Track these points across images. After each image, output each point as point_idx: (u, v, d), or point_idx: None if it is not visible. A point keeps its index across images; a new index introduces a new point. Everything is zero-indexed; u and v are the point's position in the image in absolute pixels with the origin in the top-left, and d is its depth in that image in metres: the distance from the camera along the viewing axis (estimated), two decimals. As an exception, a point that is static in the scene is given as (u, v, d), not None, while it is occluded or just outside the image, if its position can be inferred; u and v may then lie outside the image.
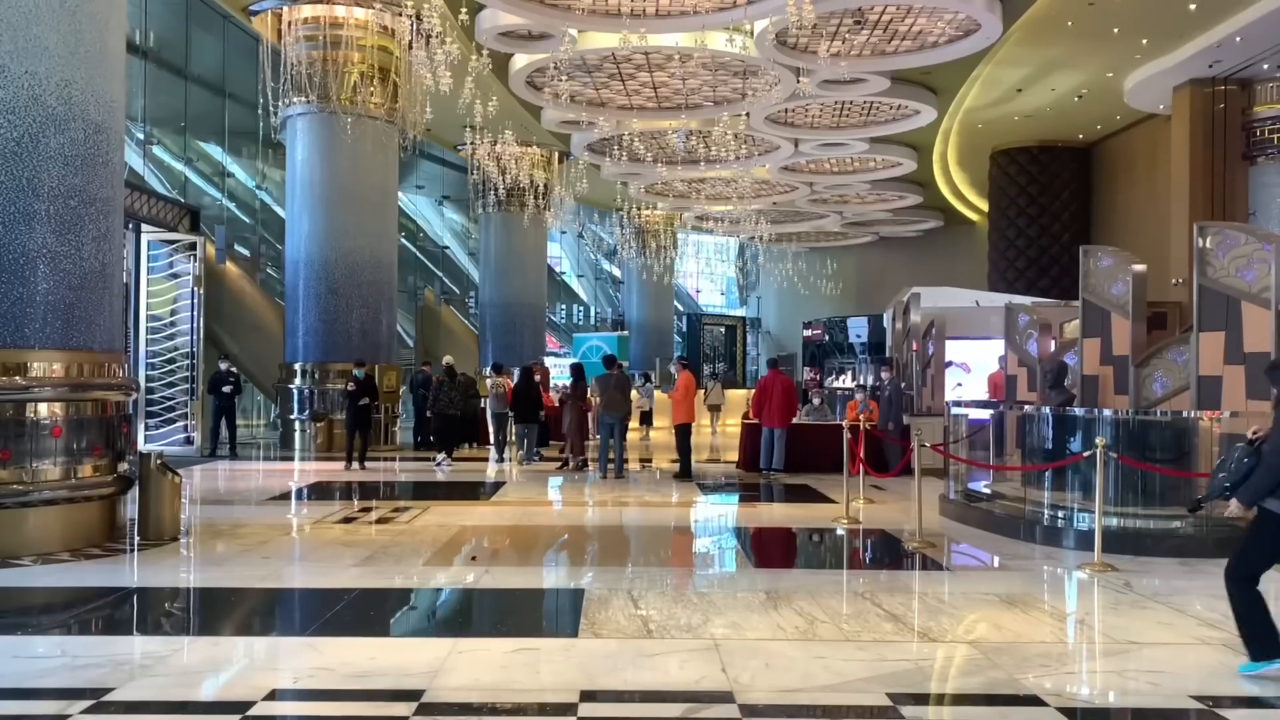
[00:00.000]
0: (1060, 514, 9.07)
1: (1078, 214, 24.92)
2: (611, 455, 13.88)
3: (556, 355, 31.79)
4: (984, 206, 28.43)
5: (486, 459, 16.38)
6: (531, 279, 26.09)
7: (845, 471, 10.73)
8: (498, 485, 13.16)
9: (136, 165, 19.67)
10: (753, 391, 15.35)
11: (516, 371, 17.70)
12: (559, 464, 15.16)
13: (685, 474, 13.72)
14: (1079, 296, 11.75)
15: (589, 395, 15.85)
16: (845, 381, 26.09)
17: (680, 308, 39.45)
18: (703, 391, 24.95)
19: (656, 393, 22.43)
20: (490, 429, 16.74)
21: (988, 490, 10.49)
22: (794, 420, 14.37)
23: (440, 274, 31.26)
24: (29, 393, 7.93)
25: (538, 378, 17.86)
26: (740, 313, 42.55)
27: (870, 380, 19.03)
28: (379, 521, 9.89)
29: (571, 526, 10.19)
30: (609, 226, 34.68)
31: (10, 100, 7.89)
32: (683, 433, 14.04)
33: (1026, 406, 10.79)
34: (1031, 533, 8.97)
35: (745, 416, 15.28)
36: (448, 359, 16.58)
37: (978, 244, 29.65)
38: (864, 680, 4.93)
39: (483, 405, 17.60)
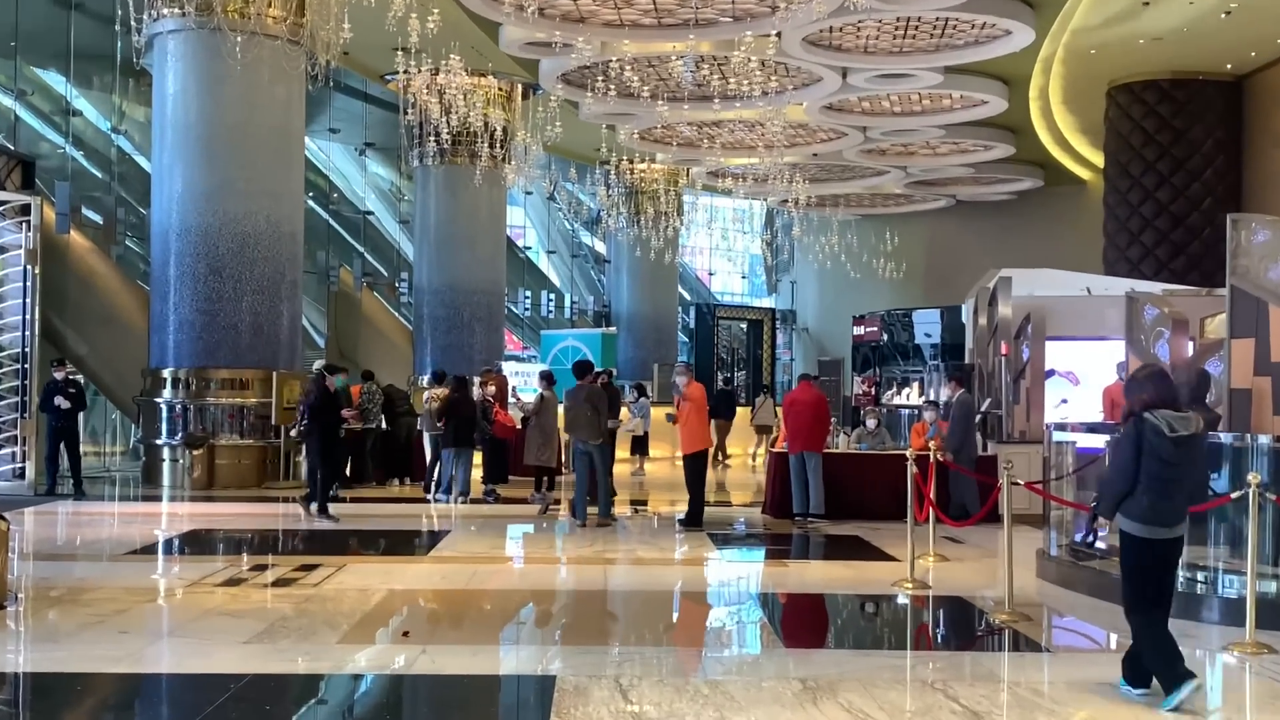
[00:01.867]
0: (1200, 576, 9.10)
1: (1225, 171, 25.02)
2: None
3: (519, 359, 31.83)
4: (1098, 161, 28.55)
5: (421, 498, 16.40)
6: (485, 257, 26.10)
7: (910, 518, 10.75)
8: (439, 535, 13.17)
9: (-51, 99, 19.69)
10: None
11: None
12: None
13: (694, 520, 13.72)
14: (1225, 282, 11.79)
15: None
16: (910, 397, 26.16)
17: (687, 296, 39.54)
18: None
19: (654, 411, 22.43)
20: (427, 456, 16.78)
21: (1102, 545, 10.51)
22: (831, 449, 14.46)
23: (361, 249, 31.29)
24: None
25: (492, 389, 17.88)
26: (768, 303, 42.66)
27: (940, 396, 19.12)
28: (277, 584, 9.88)
29: (538, 591, 10.18)
30: (590, 186, 34.73)
31: None
32: (695, 465, 13.90)
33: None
34: (1161, 601, 8.98)
35: (772, 445, 15.34)
36: (318, 364, 16.68)
37: (1089, 211, 29.78)
38: (933, 799, 4.95)
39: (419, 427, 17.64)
